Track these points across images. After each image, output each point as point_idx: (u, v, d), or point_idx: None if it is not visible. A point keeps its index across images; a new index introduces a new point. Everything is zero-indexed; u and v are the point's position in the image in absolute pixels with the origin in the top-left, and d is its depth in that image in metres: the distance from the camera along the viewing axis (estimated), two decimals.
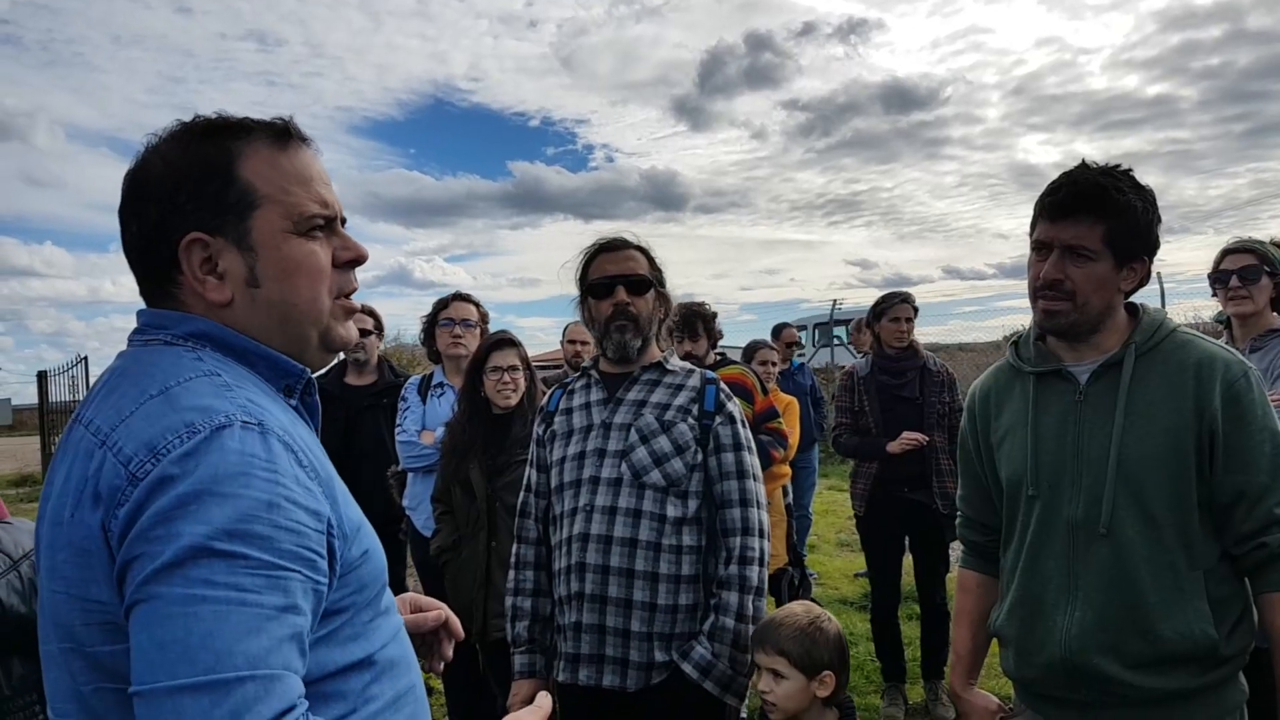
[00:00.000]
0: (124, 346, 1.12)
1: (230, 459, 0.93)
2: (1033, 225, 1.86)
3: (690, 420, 2.38)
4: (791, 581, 4.34)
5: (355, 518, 1.09)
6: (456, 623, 1.44)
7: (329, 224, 1.16)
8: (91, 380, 18.00)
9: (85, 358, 17.94)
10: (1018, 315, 17.82)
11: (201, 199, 1.08)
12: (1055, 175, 1.83)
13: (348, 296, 1.19)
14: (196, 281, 1.09)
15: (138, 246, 1.10)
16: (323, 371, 3.69)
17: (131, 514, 0.90)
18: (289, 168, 1.12)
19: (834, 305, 18.07)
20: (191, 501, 0.89)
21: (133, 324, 1.14)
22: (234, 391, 1.01)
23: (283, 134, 1.14)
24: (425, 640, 1.41)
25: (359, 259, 1.19)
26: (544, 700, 1.25)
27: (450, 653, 1.43)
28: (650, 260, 2.49)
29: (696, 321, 4.36)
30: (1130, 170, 1.81)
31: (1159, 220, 1.81)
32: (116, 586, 0.92)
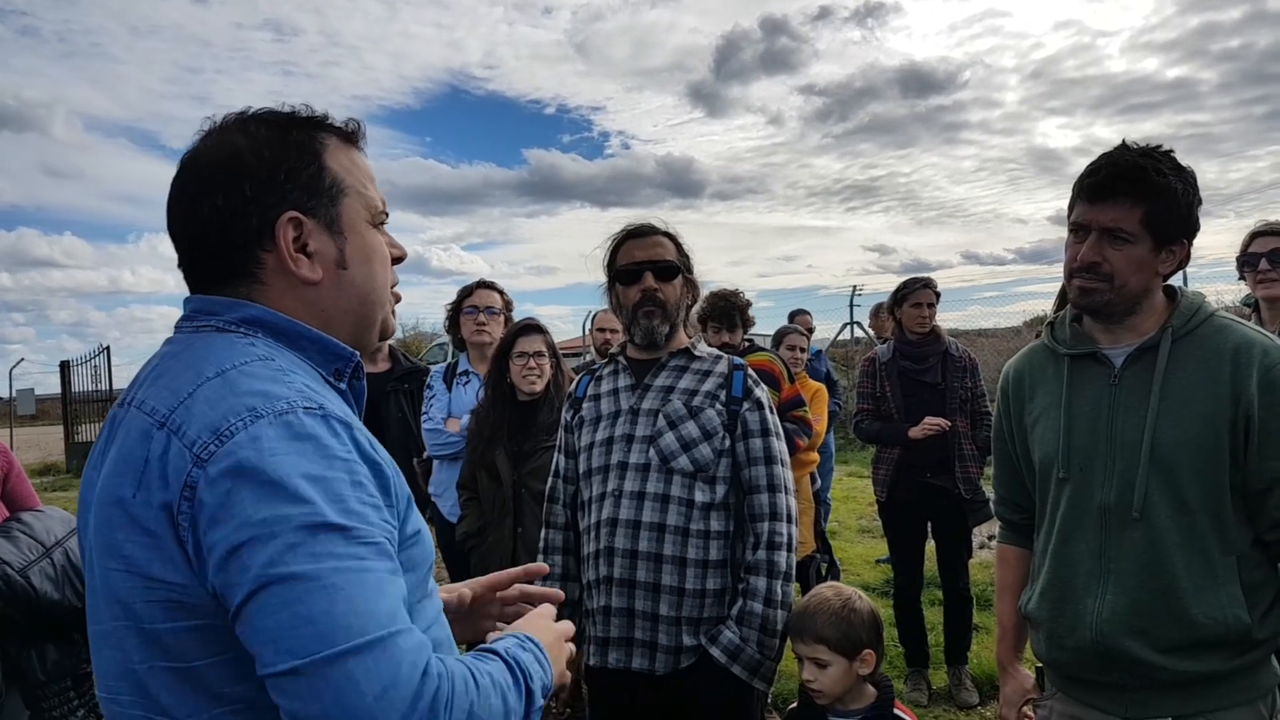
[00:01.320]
0: (144, 336, 1.15)
1: (304, 444, 0.95)
2: (1070, 206, 1.84)
3: (718, 406, 2.39)
4: (819, 568, 4.34)
5: (408, 494, 1.11)
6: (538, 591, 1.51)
7: (385, 220, 1.24)
8: (114, 370, 18.24)
9: (108, 347, 18.10)
10: (1038, 300, 17.66)
11: (299, 180, 1.11)
12: (1074, 159, 1.87)
13: (393, 288, 1.26)
14: (290, 259, 1.10)
15: (221, 221, 1.09)
16: None
17: (222, 499, 0.92)
18: (361, 165, 1.20)
19: (853, 292, 17.97)
20: (288, 483, 0.92)
21: (151, 313, 1.17)
22: (290, 376, 1.03)
23: (352, 135, 1.20)
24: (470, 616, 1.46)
25: (403, 256, 1.27)
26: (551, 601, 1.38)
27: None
28: (678, 246, 2.50)
29: (735, 313, 4.37)
30: (1171, 151, 1.79)
31: (1199, 202, 1.79)
32: (208, 571, 0.93)
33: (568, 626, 1.31)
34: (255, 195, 1.09)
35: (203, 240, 1.11)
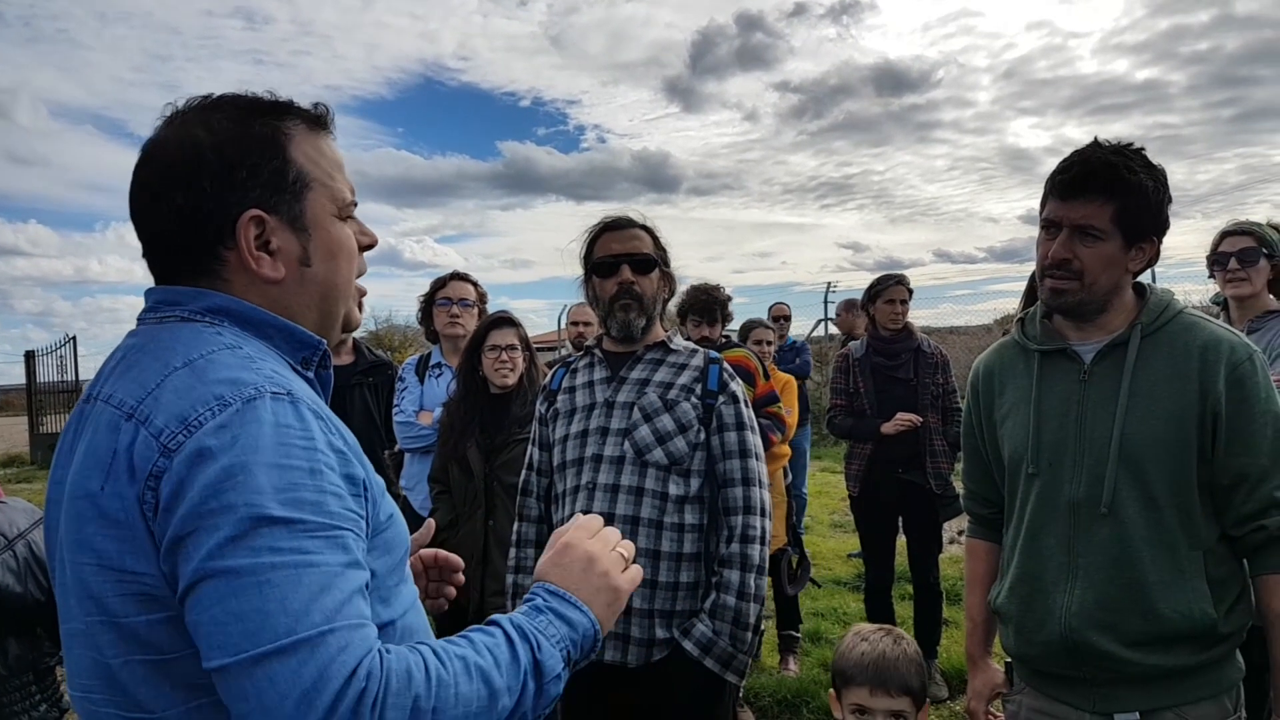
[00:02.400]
0: (111, 326, 1.13)
1: (267, 430, 0.94)
2: (1042, 204, 1.85)
3: (693, 399, 2.39)
4: (790, 562, 4.35)
5: (379, 482, 1.10)
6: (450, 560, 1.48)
7: (353, 209, 1.20)
8: (80, 360, 18.00)
9: (74, 338, 17.89)
10: (1009, 299, 17.87)
11: (260, 176, 1.08)
12: (1045, 159, 1.87)
13: (359, 277, 1.24)
14: (251, 258, 1.08)
15: (180, 219, 1.07)
16: None
17: (175, 488, 0.91)
18: (329, 154, 1.17)
19: (828, 288, 18.07)
20: (239, 473, 0.90)
21: (119, 303, 1.15)
22: (258, 363, 1.02)
23: (319, 121, 1.17)
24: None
25: (373, 244, 1.24)
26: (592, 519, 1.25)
27: (452, 592, 1.47)
28: (655, 239, 2.50)
29: (715, 308, 4.37)
30: (1142, 149, 1.80)
31: (1169, 200, 1.80)
32: (160, 560, 0.92)
33: (610, 534, 1.22)
34: (216, 193, 1.06)
35: (164, 237, 1.09)
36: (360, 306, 1.26)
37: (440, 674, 0.94)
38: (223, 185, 1.06)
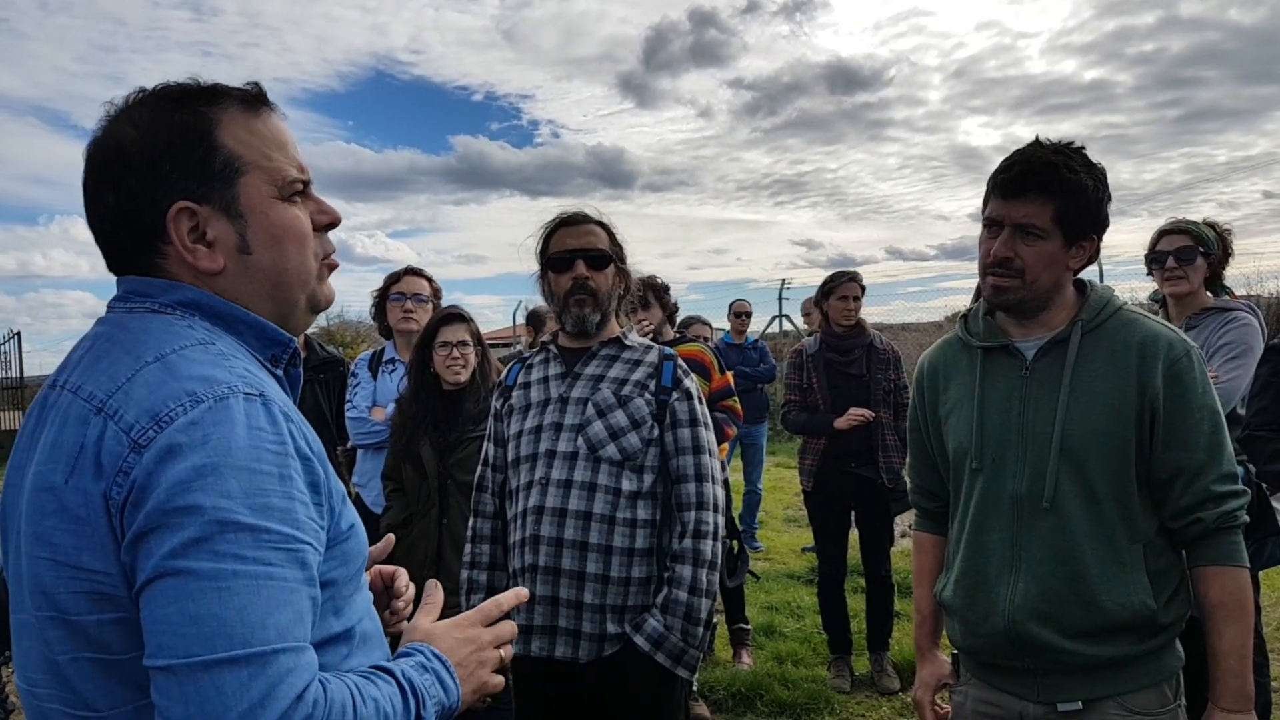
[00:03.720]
0: (56, 321, 1.11)
1: (240, 431, 0.93)
2: (985, 202, 1.88)
3: (647, 395, 2.39)
4: (730, 552, 4.38)
5: (341, 490, 1.09)
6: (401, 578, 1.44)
7: (306, 188, 1.16)
8: (25, 356, 17.51)
9: (18, 333, 17.44)
10: (959, 296, 18.15)
11: (185, 167, 1.05)
12: (995, 157, 1.86)
13: (328, 257, 1.20)
14: (186, 251, 1.06)
15: (114, 218, 1.06)
16: None
17: (143, 484, 0.90)
18: (266, 133, 1.12)
19: (782, 285, 18.19)
20: (209, 474, 0.89)
21: (64, 299, 1.13)
22: (231, 361, 1.01)
23: (254, 100, 1.13)
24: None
25: (335, 222, 1.20)
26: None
27: (401, 607, 1.43)
28: (611, 235, 2.50)
29: (646, 292, 4.37)
30: (1083, 148, 1.83)
31: (1109, 198, 1.83)
32: (119, 554, 0.91)
33: (504, 629, 1.25)
34: (141, 190, 1.04)
35: (105, 235, 1.08)
36: (326, 285, 1.20)
37: (362, 713, 0.94)
38: (146, 180, 1.04)
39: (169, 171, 1.05)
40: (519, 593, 1.33)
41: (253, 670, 0.86)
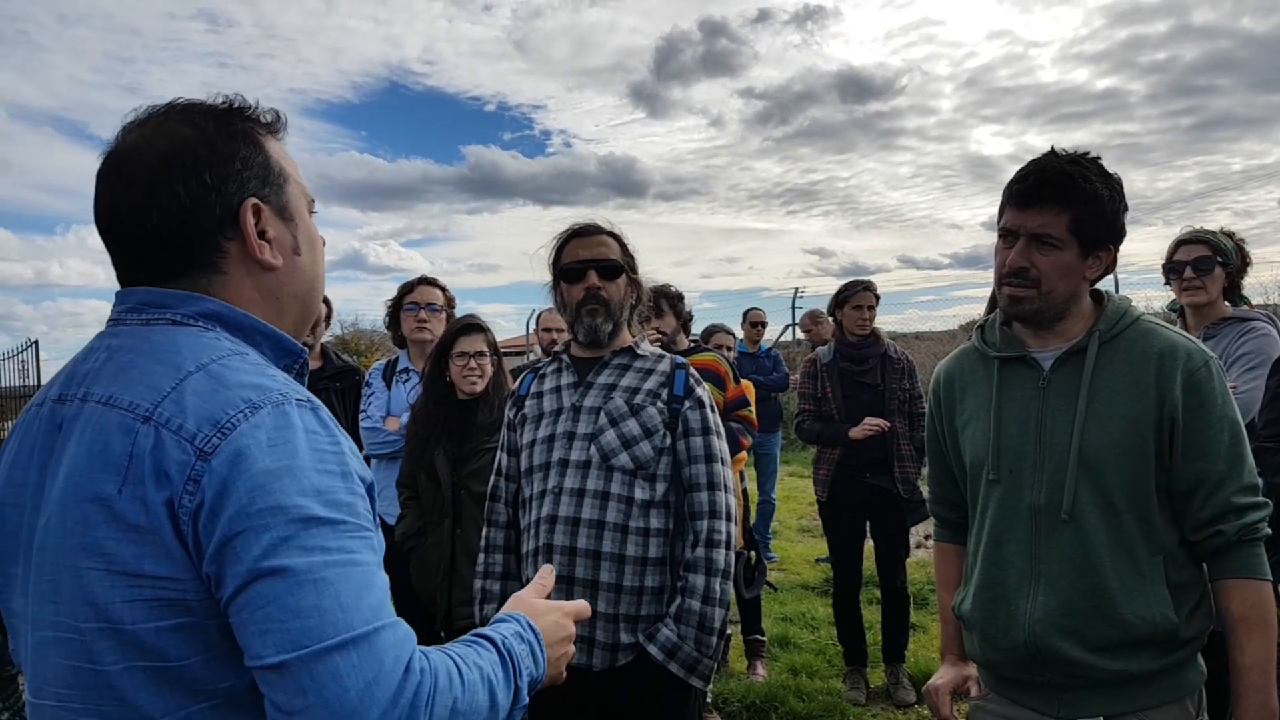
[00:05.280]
0: (73, 330, 1.11)
1: (300, 435, 0.97)
2: (1000, 212, 1.87)
3: (659, 404, 2.39)
4: (748, 563, 4.37)
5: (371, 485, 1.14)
6: None
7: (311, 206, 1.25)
8: (42, 364, 17.66)
9: (35, 342, 17.57)
10: (973, 305, 18.13)
11: (253, 167, 1.12)
12: (1008, 166, 1.86)
13: None
14: (255, 245, 1.11)
15: (182, 212, 1.07)
16: None
17: (219, 490, 0.92)
18: (289, 154, 1.22)
19: (795, 294, 18.20)
20: (284, 475, 0.93)
21: (80, 307, 1.14)
22: (271, 370, 1.05)
23: (275, 125, 1.20)
24: None
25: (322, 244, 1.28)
26: (546, 575, 1.43)
27: None
28: (622, 245, 2.51)
29: (660, 300, 4.38)
30: (1099, 158, 1.82)
31: (1125, 209, 1.82)
32: (204, 563, 0.93)
33: (572, 623, 1.34)
34: (217, 184, 1.09)
35: (160, 231, 1.08)
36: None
37: (468, 678, 1.01)
38: (222, 175, 1.09)
39: (240, 169, 1.11)
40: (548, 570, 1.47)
41: (360, 650, 0.91)
